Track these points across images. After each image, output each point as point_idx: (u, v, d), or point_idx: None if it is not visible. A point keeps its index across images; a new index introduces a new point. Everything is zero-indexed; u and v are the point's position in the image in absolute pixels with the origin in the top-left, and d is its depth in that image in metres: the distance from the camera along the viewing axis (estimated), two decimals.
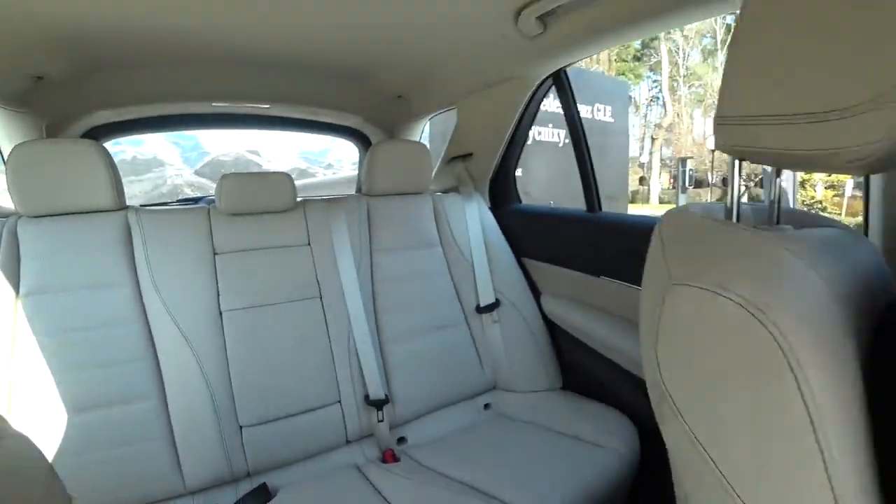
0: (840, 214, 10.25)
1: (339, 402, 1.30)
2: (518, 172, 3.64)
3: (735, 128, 0.45)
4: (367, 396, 1.32)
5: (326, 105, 1.84)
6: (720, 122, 0.46)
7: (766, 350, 0.34)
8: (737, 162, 0.51)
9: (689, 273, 0.40)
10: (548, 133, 6.14)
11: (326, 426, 1.28)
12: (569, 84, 1.47)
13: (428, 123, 2.10)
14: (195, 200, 1.92)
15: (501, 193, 1.80)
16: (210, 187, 5.72)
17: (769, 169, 0.52)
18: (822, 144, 0.37)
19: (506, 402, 1.52)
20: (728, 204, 0.52)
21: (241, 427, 1.18)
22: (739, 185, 0.53)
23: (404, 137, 2.05)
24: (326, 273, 1.37)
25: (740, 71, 0.45)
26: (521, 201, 1.83)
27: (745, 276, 0.37)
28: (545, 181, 5.68)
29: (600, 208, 1.50)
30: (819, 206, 11.33)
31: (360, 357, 1.34)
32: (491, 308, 1.55)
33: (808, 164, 0.42)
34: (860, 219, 0.86)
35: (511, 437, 1.32)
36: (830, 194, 11.53)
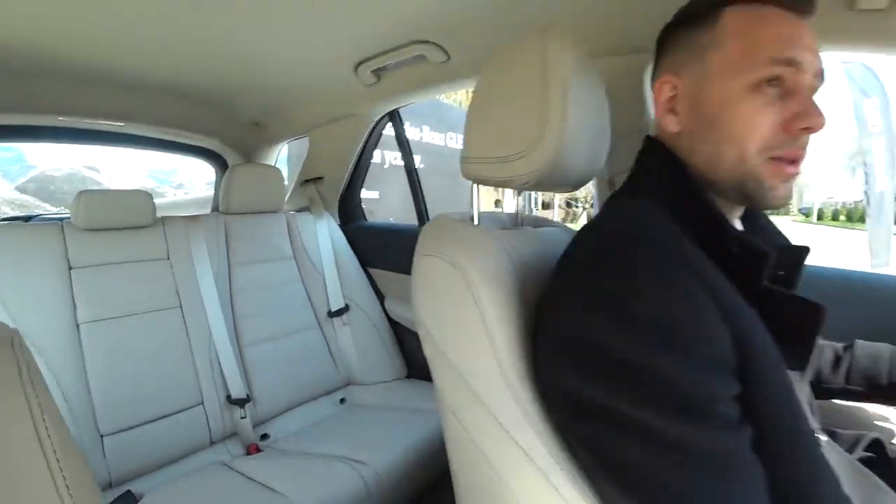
0: None
1: (202, 403, 1.38)
2: (375, 195, 3.88)
3: (472, 164, 0.73)
4: (228, 396, 1.42)
5: (185, 127, 1.89)
6: (464, 161, 0.75)
7: (461, 287, 0.61)
8: (475, 186, 0.81)
9: (428, 249, 0.67)
10: None
11: (190, 428, 1.34)
12: (400, 120, 1.78)
13: (286, 146, 2.25)
14: (26, 220, 1.84)
15: (349, 212, 2.04)
16: (35, 206, 4.96)
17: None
18: (506, 175, 0.67)
19: (359, 395, 1.73)
20: (472, 212, 0.81)
21: (101, 436, 1.20)
22: (479, 200, 0.81)
23: (261, 161, 2.17)
24: (186, 285, 1.45)
25: (472, 128, 0.74)
26: (366, 219, 2.09)
27: (454, 247, 0.64)
28: (400, 201, 5.94)
29: (427, 217, 1.80)
30: None
31: (221, 360, 1.44)
32: (341, 312, 1.76)
33: (505, 184, 0.72)
34: None
35: (365, 419, 1.54)
36: None
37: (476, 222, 0.76)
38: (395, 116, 1.75)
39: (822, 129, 0.53)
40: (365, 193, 2.10)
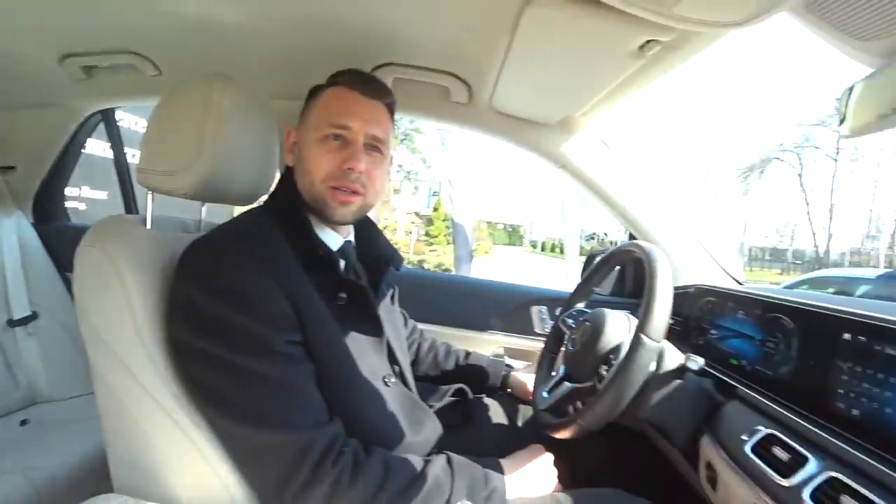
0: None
1: None
2: (103, 195, 3.47)
3: (144, 174, 0.83)
4: None
5: None
6: (139, 171, 0.84)
7: (112, 274, 0.72)
8: (150, 193, 0.89)
9: (89, 241, 0.75)
10: None
11: None
12: (114, 120, 1.71)
13: None
14: None
15: (48, 211, 1.83)
16: None
17: None
18: (171, 185, 0.80)
19: (47, 413, 1.55)
20: (146, 214, 0.89)
21: None
22: (151, 203, 0.88)
23: None
24: None
25: (147, 144, 0.83)
26: (69, 219, 1.90)
27: (112, 241, 0.74)
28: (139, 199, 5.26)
29: (137, 212, 1.75)
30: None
31: None
32: (25, 321, 1.58)
33: (170, 193, 0.82)
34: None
35: (49, 437, 1.39)
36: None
37: (149, 225, 0.86)
38: (108, 115, 1.68)
39: (360, 171, 0.81)
40: (90, 193, 1.92)
